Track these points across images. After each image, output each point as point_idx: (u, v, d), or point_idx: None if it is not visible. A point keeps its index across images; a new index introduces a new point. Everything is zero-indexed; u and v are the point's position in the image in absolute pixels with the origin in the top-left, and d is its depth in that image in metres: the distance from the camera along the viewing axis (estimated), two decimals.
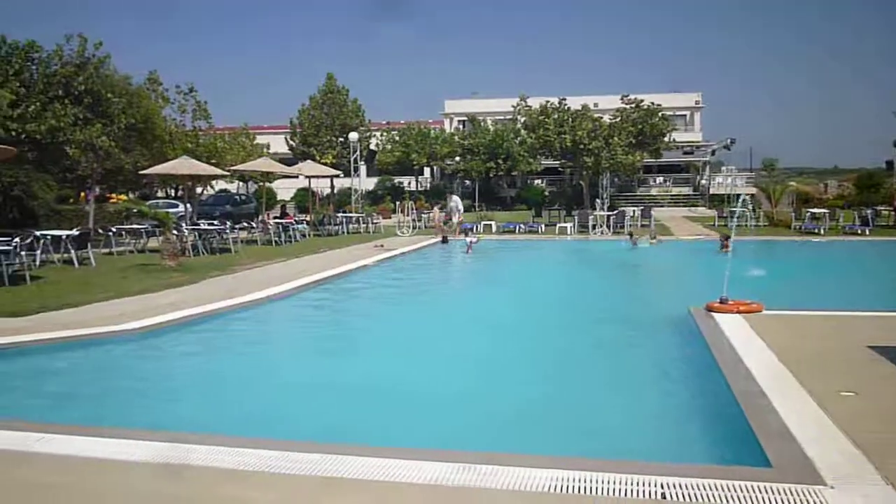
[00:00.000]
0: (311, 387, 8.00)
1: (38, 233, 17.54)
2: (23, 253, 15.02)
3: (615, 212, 31.98)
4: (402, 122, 55.69)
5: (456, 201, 28.02)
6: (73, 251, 17.67)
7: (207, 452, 5.04)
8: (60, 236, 18.03)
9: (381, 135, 53.97)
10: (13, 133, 19.09)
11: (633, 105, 43.14)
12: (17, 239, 15.27)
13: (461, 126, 58.32)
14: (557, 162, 47.03)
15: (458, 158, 51.37)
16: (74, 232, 18.64)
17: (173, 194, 48.20)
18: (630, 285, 17.41)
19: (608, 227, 29.73)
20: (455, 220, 27.22)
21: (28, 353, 8.88)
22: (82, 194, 35.86)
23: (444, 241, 25.83)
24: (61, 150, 21.97)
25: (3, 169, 25.49)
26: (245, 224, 26.51)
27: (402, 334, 11.19)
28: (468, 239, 23.86)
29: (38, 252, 16.64)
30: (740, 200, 20.50)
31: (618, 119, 42.83)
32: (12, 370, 8.50)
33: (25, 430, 5.60)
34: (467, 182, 52.78)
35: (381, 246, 23.41)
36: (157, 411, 7.11)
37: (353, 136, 39.10)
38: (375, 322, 12.48)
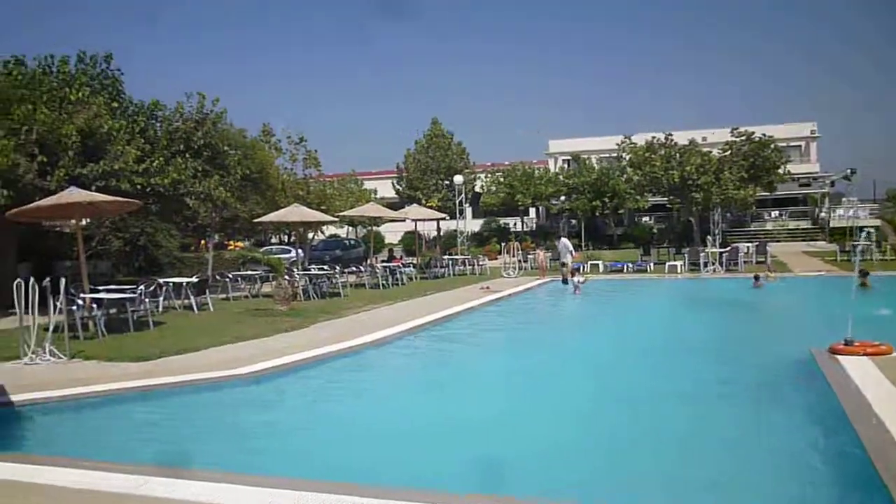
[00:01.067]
0: (420, 431, 7.98)
1: (161, 280, 18.46)
2: (147, 300, 15.82)
3: (728, 248, 30.87)
4: (506, 163, 55.95)
5: (565, 243, 27.69)
6: (192, 297, 18.48)
7: (313, 500, 5.08)
8: (181, 283, 18.91)
9: (486, 176, 54.35)
10: (139, 187, 20.22)
11: (743, 137, 41.87)
12: (142, 286, 16.12)
13: (566, 165, 58.03)
14: (665, 198, 46.03)
15: (563, 198, 51.10)
16: (194, 279, 19.51)
17: (286, 240, 49.86)
18: (746, 326, 16.64)
19: (721, 264, 28.72)
20: (568, 261, 26.92)
21: (150, 396, 9.28)
22: (202, 242, 37.65)
23: (564, 281, 25.43)
24: (182, 201, 23.12)
25: (130, 220, 27.10)
26: (354, 268, 27.09)
27: (514, 378, 11.07)
28: (575, 279, 23.54)
29: (161, 298, 17.48)
30: (864, 233, 19.43)
31: (728, 152, 41.62)
32: (133, 413, 8.90)
33: (131, 473, 5.82)
34: (573, 221, 52.36)
35: (488, 288, 23.39)
36: (267, 455, 7.24)
37: (458, 178, 39.51)
38: (486, 365, 12.45)
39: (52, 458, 6.43)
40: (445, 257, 33.47)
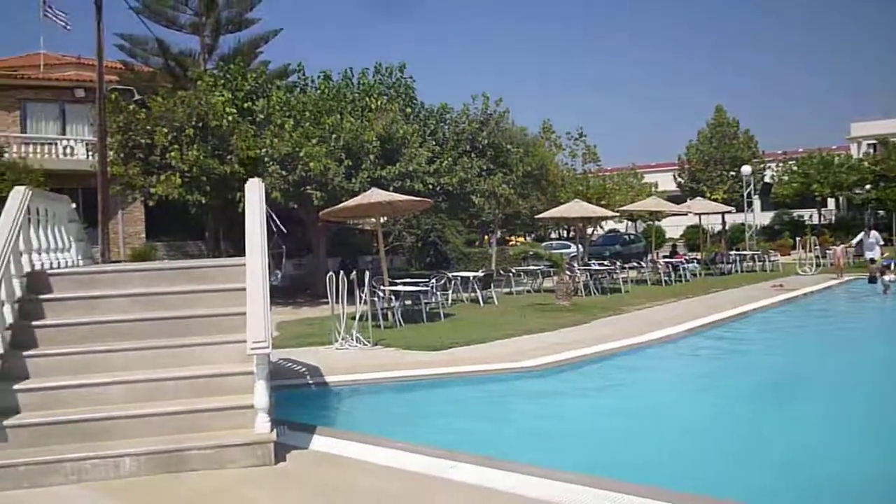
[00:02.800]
0: (710, 436, 7.69)
1: (450, 274, 19.57)
2: (438, 293, 16.86)
3: None
4: (800, 150, 51.63)
5: (875, 236, 24.82)
6: (478, 291, 19.34)
7: (595, 497, 5.11)
8: (468, 277, 19.90)
9: (777, 166, 50.55)
10: (430, 186, 21.59)
11: None
12: (433, 280, 17.22)
13: (871, 150, 52.16)
14: None
15: (868, 186, 46.00)
16: (480, 273, 20.42)
17: (565, 235, 50.28)
18: None
19: None
20: (876, 256, 24.19)
21: (443, 384, 9.88)
22: (486, 238, 39.21)
23: (871, 280, 22.80)
24: (469, 198, 24.27)
25: (422, 218, 29.00)
26: (634, 263, 26.64)
27: (816, 389, 10.14)
28: (886, 278, 21.10)
29: (450, 291, 18.53)
30: None
31: None
32: (430, 399, 9.52)
33: (440, 458, 6.20)
34: (880, 212, 46.92)
35: (781, 286, 21.79)
36: (555, 449, 7.36)
37: (746, 169, 37.25)
38: (779, 370, 11.56)
39: (360, 434, 7.05)
40: (732, 253, 31.74)
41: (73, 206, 10.07)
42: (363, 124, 20.70)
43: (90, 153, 27.20)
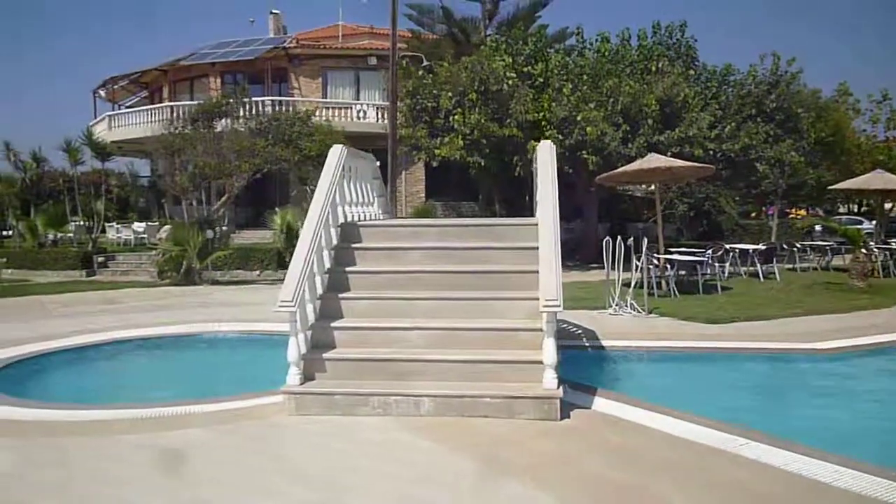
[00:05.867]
0: None
1: (727, 246, 18.65)
2: (715, 264, 16.17)
3: None
4: None
5: None
6: (758, 265, 18.25)
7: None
8: (748, 250, 18.83)
9: None
10: (710, 152, 20.62)
11: None
12: (709, 251, 16.54)
13: None
14: None
15: None
16: (761, 246, 19.23)
17: (856, 210, 45.74)
18: None
19: None
20: None
21: (725, 359, 9.51)
22: (763, 209, 36.78)
23: None
24: (751, 166, 22.88)
25: (695, 186, 27.84)
26: None
27: None
28: None
29: (727, 264, 17.68)
30: None
31: None
32: (711, 372, 9.22)
33: (729, 433, 5.97)
34: None
35: None
36: (849, 439, 6.79)
37: None
38: None
39: (642, 401, 6.94)
40: None
41: (377, 164, 10.94)
42: (642, 87, 20.21)
43: (380, 116, 29.34)
